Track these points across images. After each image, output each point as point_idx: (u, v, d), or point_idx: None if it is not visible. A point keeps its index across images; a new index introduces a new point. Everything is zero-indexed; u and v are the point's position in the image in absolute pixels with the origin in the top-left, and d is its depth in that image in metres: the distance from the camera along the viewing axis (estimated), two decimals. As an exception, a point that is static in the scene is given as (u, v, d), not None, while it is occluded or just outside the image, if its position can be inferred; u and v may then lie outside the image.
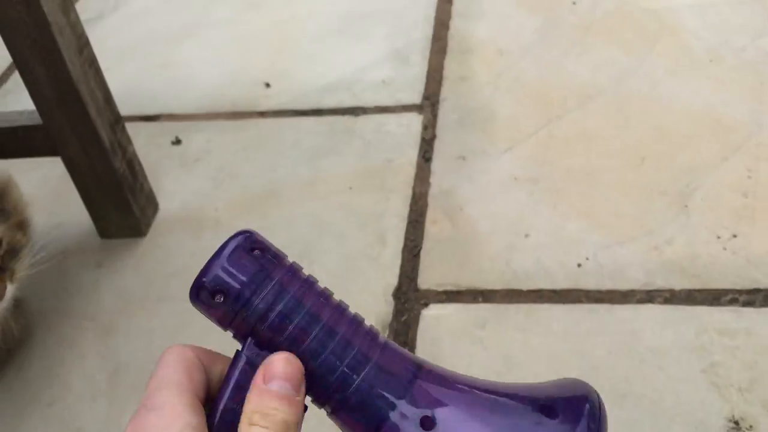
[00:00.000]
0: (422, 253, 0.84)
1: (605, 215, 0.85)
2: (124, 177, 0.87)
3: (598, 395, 0.32)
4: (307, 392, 0.31)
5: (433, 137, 1.01)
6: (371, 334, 0.32)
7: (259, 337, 0.31)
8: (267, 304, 0.31)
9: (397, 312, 0.78)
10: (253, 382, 0.30)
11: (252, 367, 0.30)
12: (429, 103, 1.07)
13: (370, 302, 0.79)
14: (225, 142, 1.06)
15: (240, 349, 0.31)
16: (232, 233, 0.34)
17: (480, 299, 0.78)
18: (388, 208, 0.91)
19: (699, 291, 0.75)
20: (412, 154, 0.99)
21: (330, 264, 0.84)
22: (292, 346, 0.30)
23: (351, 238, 0.87)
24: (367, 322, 0.32)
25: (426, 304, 0.79)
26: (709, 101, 0.97)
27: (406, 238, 0.87)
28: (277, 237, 1.02)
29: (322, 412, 0.33)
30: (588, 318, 0.74)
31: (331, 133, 1.05)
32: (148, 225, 0.93)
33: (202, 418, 0.29)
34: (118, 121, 0.86)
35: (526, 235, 0.84)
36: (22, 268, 0.72)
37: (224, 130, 1.09)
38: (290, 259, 0.33)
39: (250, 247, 0.32)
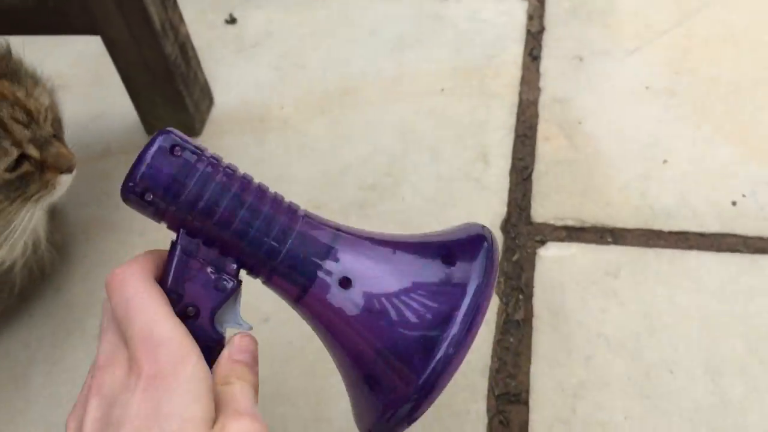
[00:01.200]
0: (534, 177, 0.70)
1: (764, 140, 0.69)
2: (176, 65, 0.72)
3: (491, 234, 0.36)
4: (242, 266, 0.34)
5: (541, 30, 0.84)
6: (292, 209, 0.35)
7: (191, 226, 0.33)
8: (193, 196, 0.33)
9: (507, 249, 0.65)
10: (221, 356, 0.33)
11: (186, 254, 0.33)
12: (534, -13, 0.89)
13: (473, 235, 0.66)
14: (288, 24, 0.90)
15: (174, 240, 0.34)
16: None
17: (609, 239, 0.65)
18: (490, 117, 0.76)
19: None
20: (516, 50, 0.82)
21: (422, 184, 0.70)
22: (221, 230, 0.33)
23: (446, 152, 0.73)
24: (287, 199, 0.35)
25: (542, 242, 0.65)
26: None
27: (514, 157, 0.72)
28: (357, 146, 0.85)
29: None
30: (749, 272, 0.61)
31: (416, 19, 0.88)
32: (203, 122, 0.79)
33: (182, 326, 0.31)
34: (169, -5, 0.70)
35: (664, 162, 0.69)
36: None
37: (286, 9, 0.92)
38: (211, 152, 0.34)
39: (170, 145, 0.33)
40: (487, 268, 0.33)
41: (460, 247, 0.35)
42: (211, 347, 0.33)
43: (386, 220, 0.68)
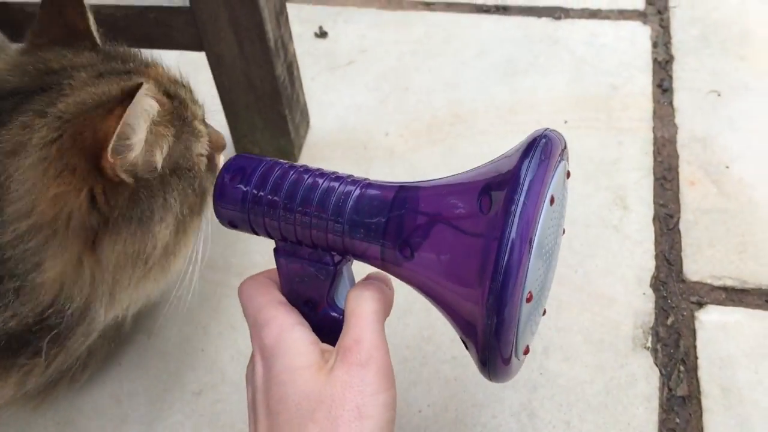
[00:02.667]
0: (682, 227, 0.63)
1: None
2: (284, 86, 0.65)
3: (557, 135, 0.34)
4: (332, 250, 0.37)
5: (669, 60, 0.77)
6: (351, 179, 0.37)
7: (278, 232, 0.37)
8: (261, 213, 0.37)
9: (660, 311, 0.58)
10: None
11: (285, 258, 0.38)
12: (655, 10, 0.82)
13: (618, 291, 0.59)
14: (384, 41, 0.83)
15: (275, 248, 0.38)
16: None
17: (777, 305, 0.57)
18: (623, 155, 0.68)
19: None
20: (644, 81, 0.75)
21: (554, 229, 0.63)
22: (296, 222, 0.36)
23: (579, 194, 0.66)
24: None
25: (699, 304, 0.58)
26: None
27: (655, 202, 0.65)
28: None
29: None
30: None
31: (526, 41, 0.80)
32: (300, 147, 0.72)
33: (297, 313, 0.38)
34: (282, 10, 0.63)
35: (830, 216, 0.62)
36: None
37: (381, 25, 0.85)
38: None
39: (230, 177, 0.38)
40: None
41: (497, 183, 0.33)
42: (339, 325, 0.37)
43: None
